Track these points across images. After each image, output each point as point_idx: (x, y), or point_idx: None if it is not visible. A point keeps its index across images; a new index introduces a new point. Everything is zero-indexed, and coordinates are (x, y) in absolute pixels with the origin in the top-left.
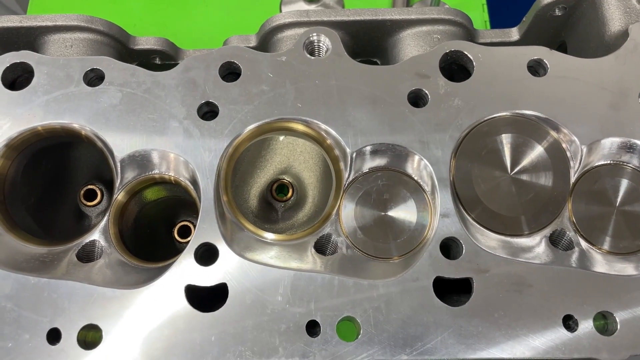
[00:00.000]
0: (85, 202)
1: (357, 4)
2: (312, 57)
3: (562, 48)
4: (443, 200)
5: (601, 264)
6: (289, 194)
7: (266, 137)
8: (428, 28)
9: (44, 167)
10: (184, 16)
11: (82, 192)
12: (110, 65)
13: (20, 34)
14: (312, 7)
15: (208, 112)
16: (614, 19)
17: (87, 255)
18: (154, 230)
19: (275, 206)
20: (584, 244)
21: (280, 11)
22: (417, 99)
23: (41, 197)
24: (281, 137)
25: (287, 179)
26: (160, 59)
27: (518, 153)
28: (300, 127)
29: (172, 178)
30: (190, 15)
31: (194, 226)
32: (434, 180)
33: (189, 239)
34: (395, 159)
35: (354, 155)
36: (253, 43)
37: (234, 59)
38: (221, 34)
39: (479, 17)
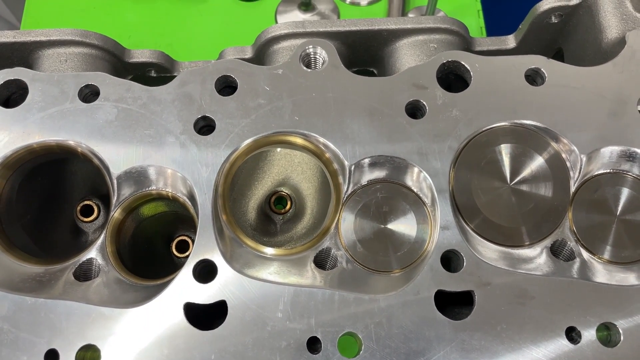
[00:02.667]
0: (82, 218)
1: (352, 12)
2: (309, 70)
3: (559, 55)
4: (443, 212)
5: (602, 273)
6: (288, 206)
7: (263, 150)
8: (424, 37)
9: (39, 183)
10: (180, 27)
11: (79, 208)
12: (105, 81)
13: (14, 49)
14: (308, 16)
15: (205, 126)
16: (611, 26)
17: (84, 273)
18: (152, 245)
19: (274, 219)
20: (585, 254)
21: (276, 20)
22: (415, 110)
23: (37, 214)
24: (278, 149)
25: (285, 190)
26: (156, 72)
27: (517, 163)
28: (298, 140)
29: (169, 194)
30: (185, 25)
31: (192, 240)
32: (434, 192)
33: (187, 253)
34: (394, 171)
35: (353, 167)
36: (249, 55)
37: (230, 72)
38: (217, 44)
39: (475, 23)
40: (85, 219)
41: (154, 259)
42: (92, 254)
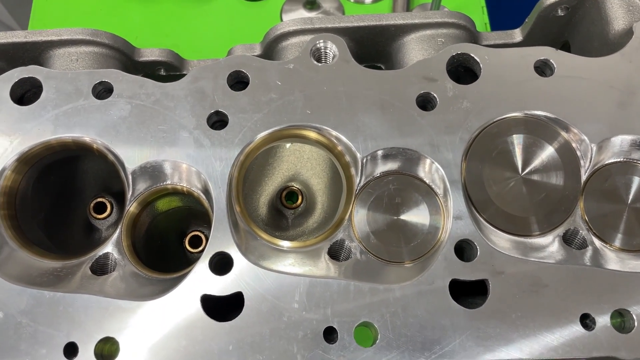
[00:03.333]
0: (95, 215)
1: (357, 10)
2: (320, 64)
3: (566, 48)
4: (455, 203)
5: (615, 261)
6: (299, 201)
7: (273, 145)
8: (432, 32)
9: (51, 181)
10: (186, 27)
11: (92, 205)
12: (118, 78)
13: (25, 49)
14: (313, 14)
15: (218, 121)
16: (618, 18)
17: (101, 268)
18: (165, 241)
19: (285, 213)
20: (597, 242)
21: (281, 19)
22: (425, 103)
23: (51, 212)
24: (288, 145)
25: (296, 185)
26: (165, 70)
27: (528, 153)
28: (311, 134)
29: (184, 189)
30: (191, 26)
31: (205, 236)
32: (446, 183)
33: (200, 249)
34: (406, 162)
35: (365, 160)
36: (258, 52)
37: (241, 67)
38: (222, 44)
39: (479, 19)
40: (99, 216)
41: (166, 254)
42: (109, 248)
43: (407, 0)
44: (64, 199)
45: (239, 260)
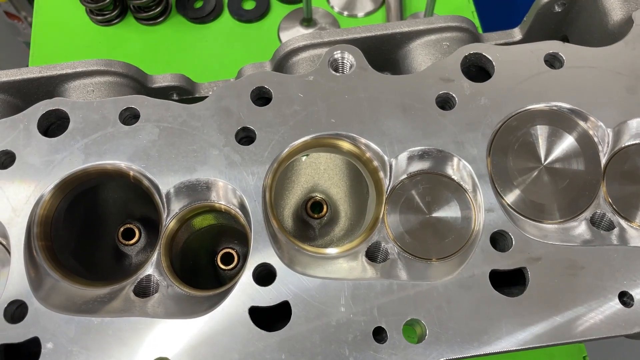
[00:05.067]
0: (124, 241)
1: (351, 23)
2: (338, 74)
3: (565, 42)
4: (486, 196)
5: None
6: (324, 210)
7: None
8: (437, 36)
9: (78, 211)
10: (185, 53)
11: (120, 231)
12: (144, 103)
13: (40, 84)
14: (310, 31)
15: (245, 137)
16: (615, 9)
17: (143, 290)
18: (197, 259)
19: (312, 224)
20: (623, 222)
21: (279, 38)
22: (444, 103)
23: (80, 242)
24: (304, 158)
25: (319, 195)
26: (178, 95)
27: (549, 143)
28: (341, 143)
29: (222, 207)
30: (190, 51)
31: (237, 253)
32: (474, 178)
33: (231, 266)
34: (433, 161)
35: (393, 162)
36: (268, 69)
37: (263, 84)
38: (224, 67)
39: None
40: (128, 242)
41: (198, 272)
42: (149, 270)
43: (400, 11)
44: (91, 228)
45: (282, 269)
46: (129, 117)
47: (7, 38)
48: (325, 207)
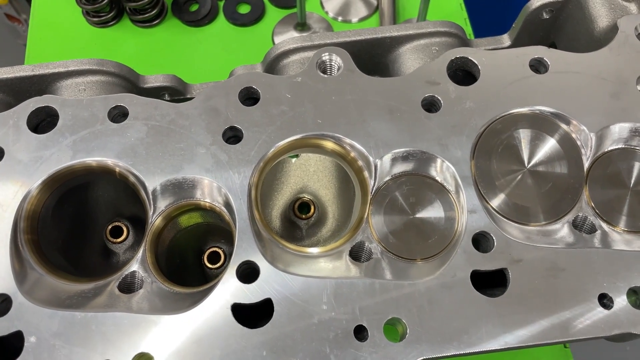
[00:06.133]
0: (112, 239)
1: (345, 29)
2: (326, 76)
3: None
4: (468, 198)
5: (622, 242)
6: (312, 211)
7: (279, 160)
8: (426, 41)
9: (67, 209)
10: (179, 56)
11: (109, 229)
12: (132, 101)
13: (32, 82)
14: (304, 35)
15: (232, 136)
16: (601, 16)
17: (127, 286)
18: (184, 257)
19: (299, 224)
20: (605, 225)
21: (273, 42)
22: (430, 105)
23: (68, 238)
24: (293, 159)
25: (307, 196)
26: (170, 95)
27: (532, 147)
28: (326, 142)
29: (207, 204)
30: (184, 54)
31: (223, 252)
32: (457, 179)
33: (218, 264)
34: (417, 163)
35: (378, 163)
36: (259, 71)
37: (251, 84)
38: (217, 70)
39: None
40: (116, 240)
41: (185, 271)
42: (134, 267)
43: (393, 16)
44: (79, 226)
45: (265, 267)
46: (118, 115)
47: (7, 41)
48: (312, 207)
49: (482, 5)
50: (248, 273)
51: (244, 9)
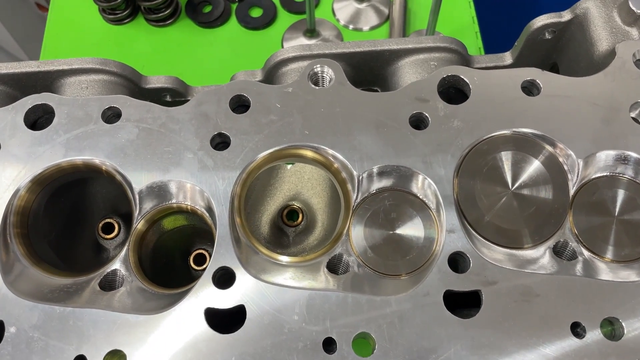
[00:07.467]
0: (103, 235)
1: (355, 37)
2: (317, 87)
3: (555, 69)
4: (448, 217)
5: (605, 272)
6: (299, 219)
7: (275, 166)
8: (425, 56)
9: (62, 203)
10: (190, 56)
11: (100, 225)
12: (126, 103)
13: (38, 78)
14: (313, 41)
15: (220, 142)
16: (602, 39)
17: (109, 284)
18: (170, 258)
19: (287, 231)
20: (586, 253)
21: (282, 46)
22: (418, 122)
23: (61, 232)
24: (289, 166)
25: (297, 204)
26: (171, 96)
27: (517, 169)
28: (310, 153)
29: (189, 207)
30: (196, 54)
31: (209, 254)
32: (439, 198)
33: (204, 266)
34: (400, 179)
35: (361, 177)
36: (259, 77)
37: (243, 92)
38: (226, 71)
39: (473, 44)
40: (107, 236)
41: (172, 272)
42: (117, 265)
43: (403, 27)
44: (73, 220)
45: (242, 274)
46: (112, 115)
47: (39, 30)
48: (300, 215)
49: (495, 19)
50: (224, 279)
51: (256, 12)
